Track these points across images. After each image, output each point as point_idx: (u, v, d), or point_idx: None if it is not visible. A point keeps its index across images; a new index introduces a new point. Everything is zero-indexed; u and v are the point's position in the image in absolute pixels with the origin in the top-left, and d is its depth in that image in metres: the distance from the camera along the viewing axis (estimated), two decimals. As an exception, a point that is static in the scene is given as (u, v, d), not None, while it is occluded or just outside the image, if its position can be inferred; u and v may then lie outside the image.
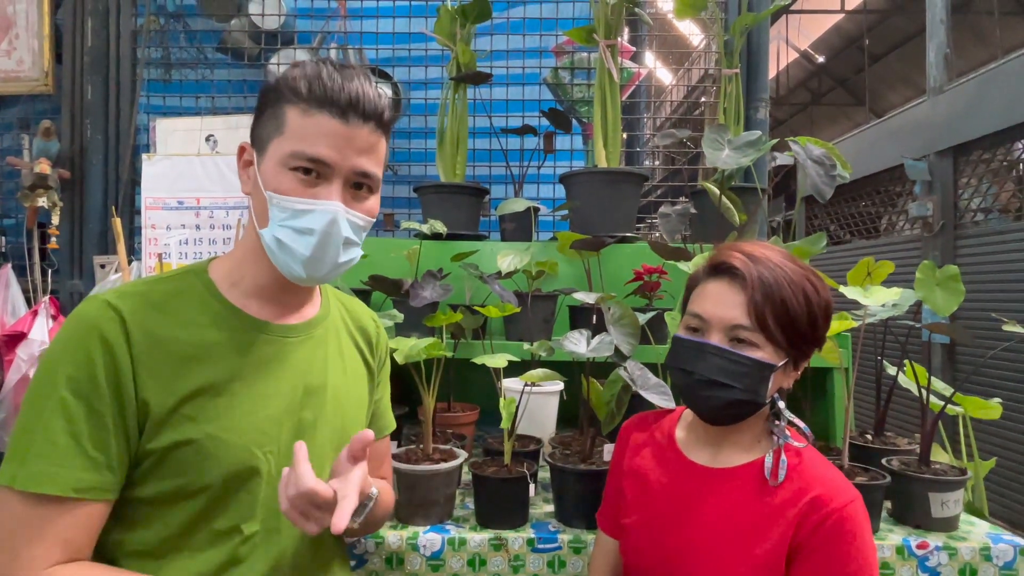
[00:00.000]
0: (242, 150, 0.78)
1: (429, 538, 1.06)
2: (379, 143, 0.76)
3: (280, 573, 0.75)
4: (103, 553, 0.69)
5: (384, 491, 0.93)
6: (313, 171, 0.72)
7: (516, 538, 1.07)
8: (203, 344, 0.72)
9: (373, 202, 0.78)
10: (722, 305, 0.82)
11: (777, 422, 0.85)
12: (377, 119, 0.74)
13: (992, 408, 1.23)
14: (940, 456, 1.30)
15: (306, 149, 0.71)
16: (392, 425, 1.00)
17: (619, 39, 1.76)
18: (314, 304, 0.86)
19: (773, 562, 0.78)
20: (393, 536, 1.06)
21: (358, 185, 0.76)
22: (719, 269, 0.84)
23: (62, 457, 0.63)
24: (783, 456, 0.81)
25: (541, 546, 1.07)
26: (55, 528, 0.62)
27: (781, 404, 0.84)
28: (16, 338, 2.01)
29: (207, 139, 2.14)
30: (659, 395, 1.08)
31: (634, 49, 2.38)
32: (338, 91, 0.71)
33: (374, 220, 0.80)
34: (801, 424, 0.85)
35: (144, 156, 2.12)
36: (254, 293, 0.78)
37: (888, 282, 1.18)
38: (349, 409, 0.85)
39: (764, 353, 0.80)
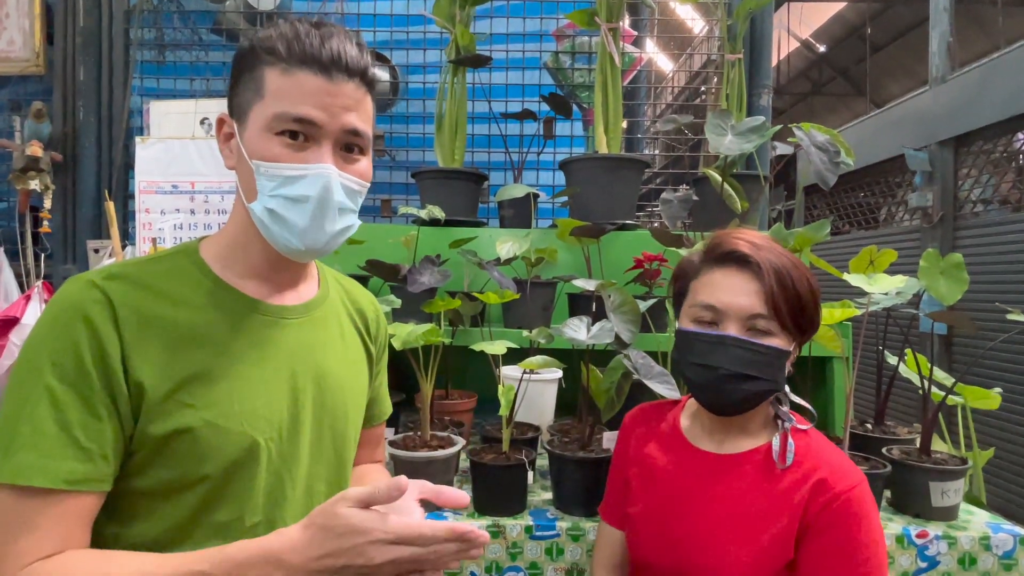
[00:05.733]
0: (221, 123, 0.74)
1: (426, 525, 1.05)
2: (365, 99, 0.72)
3: None
4: (101, 547, 0.65)
5: (382, 475, 0.92)
6: (300, 134, 0.68)
7: (514, 525, 1.06)
8: (198, 325, 0.69)
9: (365, 164, 0.74)
10: (737, 294, 0.80)
11: (782, 407, 0.84)
12: (361, 75, 0.70)
13: (991, 398, 1.22)
14: (939, 446, 1.30)
15: (290, 109, 0.67)
16: (389, 410, 0.98)
17: (621, 23, 1.73)
18: (311, 284, 0.83)
19: (781, 546, 0.77)
20: (390, 523, 1.05)
21: (348, 147, 0.72)
22: (727, 258, 0.82)
23: (51, 447, 0.59)
24: (790, 440, 0.81)
25: (539, 533, 1.06)
26: (46, 521, 0.59)
27: (786, 388, 0.84)
28: (9, 323, 1.99)
29: (201, 122, 2.11)
30: (663, 384, 1.06)
31: (636, 34, 2.35)
32: (319, 47, 0.67)
33: (368, 184, 0.75)
34: (806, 405, 0.85)
35: (138, 139, 2.09)
36: (248, 272, 0.75)
37: (888, 272, 1.17)
38: (349, 394, 0.83)
39: (779, 340, 0.80)
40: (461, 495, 0.69)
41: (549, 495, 1.20)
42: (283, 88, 0.67)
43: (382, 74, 2.24)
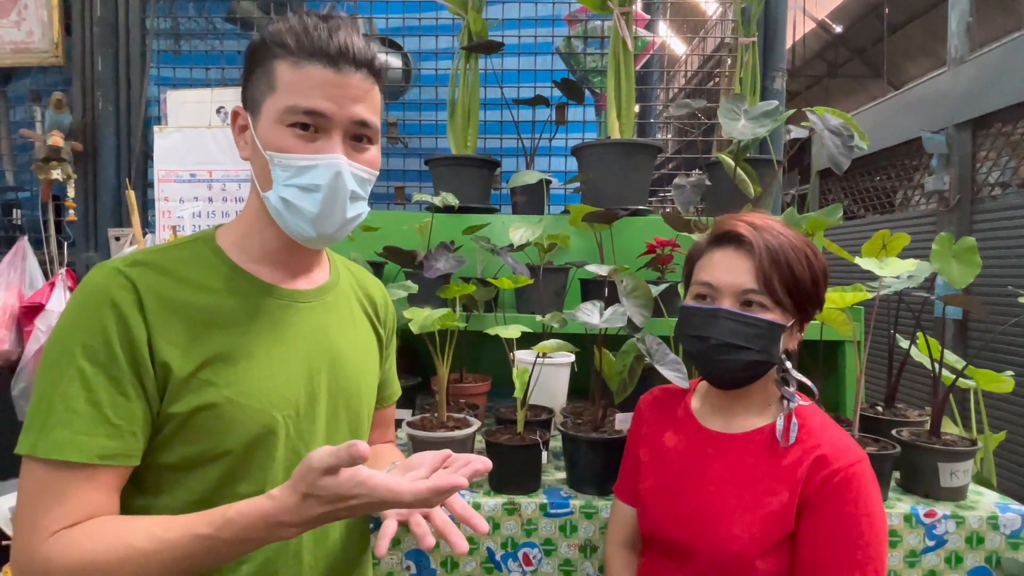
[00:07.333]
0: (235, 115, 0.76)
1: (444, 503, 1.08)
2: (373, 90, 0.75)
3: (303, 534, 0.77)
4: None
5: (396, 455, 0.96)
6: (311, 125, 0.71)
7: (529, 503, 1.09)
8: (217, 309, 0.72)
9: (374, 153, 0.77)
10: (731, 272, 0.84)
11: (786, 386, 0.86)
12: (368, 65, 0.73)
13: (1004, 381, 1.23)
14: (949, 429, 1.30)
15: (300, 102, 0.70)
16: (398, 392, 1.02)
17: (633, 7, 1.73)
18: (323, 270, 0.86)
19: (783, 519, 0.80)
20: (409, 501, 1.08)
21: (357, 137, 0.74)
22: (724, 238, 0.87)
23: (84, 424, 0.63)
24: (794, 419, 0.83)
25: (553, 511, 1.09)
26: (78, 493, 0.63)
27: (788, 365, 0.86)
28: (35, 309, 2.05)
29: (218, 111, 2.14)
30: (674, 372, 1.08)
31: (648, 17, 2.34)
32: (326, 40, 0.70)
33: (377, 173, 0.78)
34: (807, 382, 0.87)
35: (156, 128, 2.12)
36: (263, 258, 0.78)
37: (902, 256, 1.18)
38: (362, 375, 0.86)
39: (773, 315, 0.83)
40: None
41: (562, 475, 1.23)
42: (293, 81, 0.70)
43: (394, 61, 2.25)
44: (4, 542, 1.77)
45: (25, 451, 0.63)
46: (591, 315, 1.16)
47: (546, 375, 1.39)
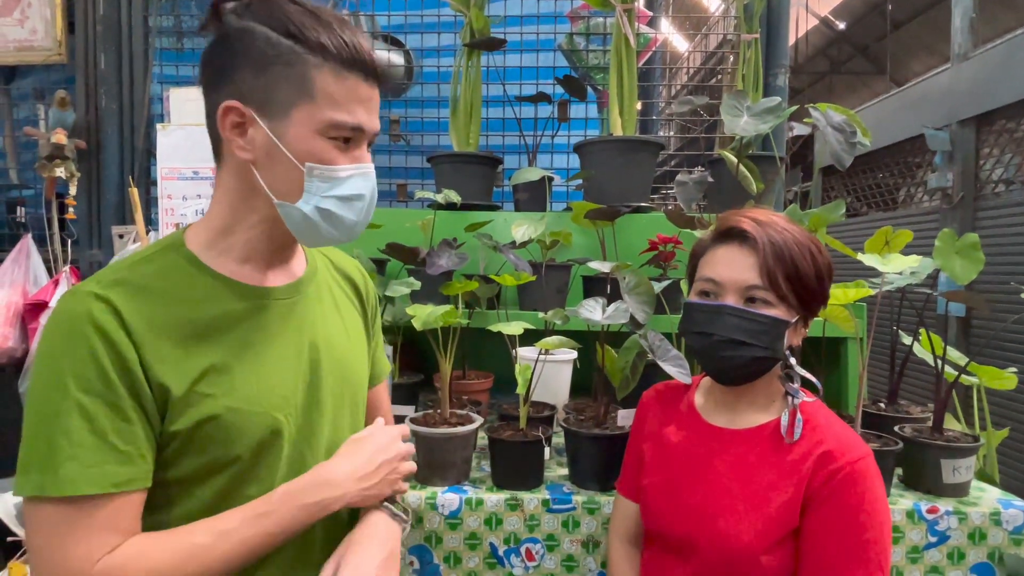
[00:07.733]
0: (228, 111, 0.68)
1: (447, 498, 1.09)
2: None
3: (310, 526, 0.77)
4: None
5: None
6: (350, 138, 0.71)
7: (532, 498, 1.09)
8: (202, 320, 0.70)
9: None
10: (735, 268, 0.84)
11: (791, 382, 0.86)
12: (380, 77, 0.74)
13: (1007, 378, 1.23)
14: (952, 425, 1.30)
15: (347, 119, 0.69)
16: (388, 368, 1.01)
17: (636, 3, 1.73)
18: (300, 259, 0.84)
19: (787, 515, 0.80)
20: (412, 496, 1.09)
21: (368, 143, 0.75)
22: (728, 234, 0.87)
23: (92, 457, 0.62)
24: (798, 415, 0.83)
25: (556, 507, 1.09)
26: (101, 522, 0.62)
27: (793, 361, 0.86)
28: (39, 307, 2.06)
29: (220, 109, 2.14)
30: (677, 367, 1.08)
31: (651, 14, 2.34)
32: (361, 50, 0.69)
33: None
34: (812, 378, 0.87)
35: (159, 126, 2.12)
36: (239, 258, 0.75)
37: (905, 253, 1.18)
38: (354, 362, 0.86)
39: (777, 311, 0.83)
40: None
41: (565, 471, 1.23)
42: (339, 94, 0.69)
43: (396, 58, 2.25)
44: (10, 538, 1.78)
45: (32, 492, 0.61)
46: (593, 312, 1.16)
47: (548, 372, 1.40)
